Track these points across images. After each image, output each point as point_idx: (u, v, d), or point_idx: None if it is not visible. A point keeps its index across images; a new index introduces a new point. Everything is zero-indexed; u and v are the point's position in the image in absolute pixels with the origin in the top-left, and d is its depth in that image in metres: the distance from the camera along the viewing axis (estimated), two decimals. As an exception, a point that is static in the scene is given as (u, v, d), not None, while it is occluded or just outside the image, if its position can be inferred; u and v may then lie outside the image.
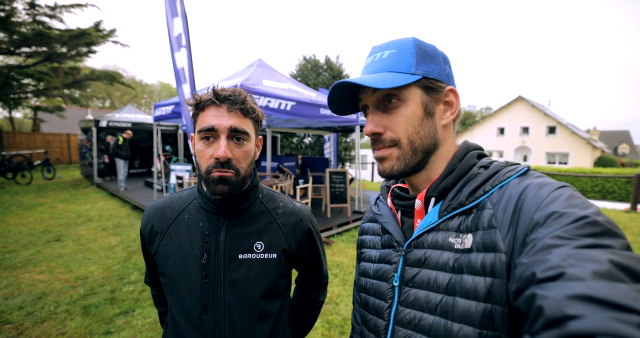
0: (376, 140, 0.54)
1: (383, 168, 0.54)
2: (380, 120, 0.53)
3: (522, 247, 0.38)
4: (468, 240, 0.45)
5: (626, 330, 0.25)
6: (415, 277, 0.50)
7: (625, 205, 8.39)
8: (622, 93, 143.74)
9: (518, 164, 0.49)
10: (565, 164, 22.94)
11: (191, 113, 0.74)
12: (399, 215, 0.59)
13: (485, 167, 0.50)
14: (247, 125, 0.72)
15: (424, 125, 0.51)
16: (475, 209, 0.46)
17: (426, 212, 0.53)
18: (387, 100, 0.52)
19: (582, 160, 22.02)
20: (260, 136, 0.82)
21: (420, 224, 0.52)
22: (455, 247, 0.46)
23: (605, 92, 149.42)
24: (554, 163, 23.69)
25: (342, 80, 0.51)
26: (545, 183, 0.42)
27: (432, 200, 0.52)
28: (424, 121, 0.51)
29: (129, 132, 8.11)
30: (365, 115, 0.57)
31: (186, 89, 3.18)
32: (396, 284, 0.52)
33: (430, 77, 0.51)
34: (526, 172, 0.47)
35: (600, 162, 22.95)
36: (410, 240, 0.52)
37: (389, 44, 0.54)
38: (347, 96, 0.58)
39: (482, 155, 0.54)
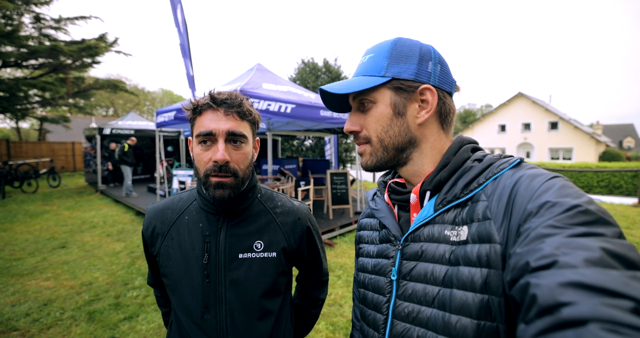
0: (355, 137, 0.58)
1: (361, 162, 0.59)
2: (357, 119, 0.57)
3: (516, 237, 0.38)
4: (463, 232, 0.45)
5: (617, 315, 0.25)
6: (412, 270, 0.50)
7: (633, 200, 8.27)
8: (624, 86, 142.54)
9: (512, 156, 0.50)
10: (569, 159, 22.70)
11: (189, 118, 0.75)
12: (395, 209, 0.59)
13: (479, 160, 0.51)
14: (245, 128, 0.73)
15: (393, 125, 0.53)
16: (470, 202, 0.47)
17: (422, 206, 0.53)
18: (361, 102, 0.56)
19: (586, 155, 21.78)
20: (258, 138, 0.83)
21: (416, 218, 0.52)
22: (451, 239, 0.46)
23: (608, 86, 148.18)
24: (557, 159, 23.46)
25: (320, 87, 0.57)
26: (538, 174, 0.42)
27: (428, 193, 0.52)
28: (392, 121, 0.53)
29: (133, 138, 8.20)
30: None
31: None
32: (394, 278, 0.52)
33: (401, 77, 0.52)
34: (519, 163, 0.47)
35: (605, 157, 22.68)
36: (407, 234, 0.53)
37: (373, 47, 0.57)
38: (342, 97, 0.60)
39: (476, 149, 0.55)
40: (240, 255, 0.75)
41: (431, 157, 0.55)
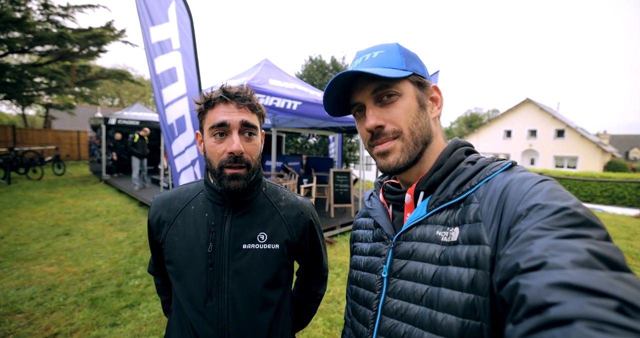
0: (378, 134, 0.53)
1: (388, 162, 0.53)
2: (381, 114, 0.53)
3: (506, 238, 0.39)
4: (454, 233, 0.46)
5: (602, 314, 0.25)
6: (402, 268, 0.51)
7: (636, 211, 8.22)
8: (635, 96, 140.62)
9: (504, 159, 0.50)
10: (574, 168, 22.52)
11: (197, 111, 0.77)
12: (390, 209, 0.61)
13: (473, 162, 0.51)
14: (255, 120, 0.76)
15: (421, 117, 0.54)
16: (462, 203, 0.47)
17: (415, 206, 0.54)
18: (386, 95, 0.53)
19: (591, 165, 21.59)
20: (263, 131, 0.84)
21: (409, 218, 0.53)
22: (442, 239, 0.47)
23: (617, 95, 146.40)
24: (562, 167, 23.28)
25: (347, 70, 0.51)
26: (528, 177, 0.43)
27: (421, 194, 0.53)
28: (420, 113, 0.54)
29: (146, 129, 7.87)
30: (356, 117, 0.58)
31: (173, 89, 3.05)
32: (385, 275, 0.53)
33: (419, 74, 0.55)
34: (511, 167, 0.48)
35: (610, 167, 22.47)
36: (399, 233, 0.54)
37: (376, 46, 0.57)
38: (341, 97, 0.59)
39: (470, 152, 0.55)
40: (244, 246, 0.77)
41: (436, 154, 0.56)
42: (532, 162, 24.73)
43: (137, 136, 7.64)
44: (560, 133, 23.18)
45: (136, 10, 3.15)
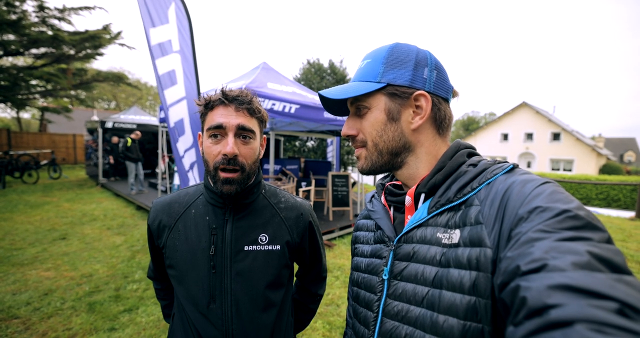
0: (352, 141, 0.60)
1: (358, 165, 0.60)
2: (354, 124, 0.59)
3: (507, 241, 0.38)
4: (456, 235, 0.46)
5: (602, 316, 0.26)
6: (403, 270, 0.51)
7: (630, 213, 8.31)
8: (629, 100, 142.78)
9: (505, 161, 0.50)
10: (570, 170, 22.74)
11: (199, 113, 0.78)
12: (391, 211, 0.61)
13: (474, 165, 0.51)
14: (253, 124, 0.76)
15: (387, 130, 0.55)
16: (463, 206, 0.47)
17: (416, 208, 0.54)
18: (358, 107, 0.58)
19: (586, 167, 21.82)
20: (265, 136, 0.85)
21: (410, 220, 0.54)
22: (443, 242, 0.47)
23: (612, 99, 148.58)
24: (558, 169, 23.50)
25: (319, 92, 0.58)
26: (529, 179, 0.43)
27: (422, 196, 0.53)
28: (386, 126, 0.55)
29: (138, 132, 7.72)
30: None
31: (173, 91, 3.08)
32: (385, 277, 0.54)
33: (396, 84, 0.53)
34: (512, 169, 0.48)
35: (605, 170, 22.75)
36: (400, 235, 0.54)
37: (371, 53, 0.58)
38: (341, 101, 0.62)
39: (472, 154, 0.55)
40: (246, 248, 0.78)
41: (426, 161, 0.56)
42: (529, 165, 24.94)
43: (129, 140, 7.43)
44: (556, 136, 23.43)
45: (139, 10, 3.21)
